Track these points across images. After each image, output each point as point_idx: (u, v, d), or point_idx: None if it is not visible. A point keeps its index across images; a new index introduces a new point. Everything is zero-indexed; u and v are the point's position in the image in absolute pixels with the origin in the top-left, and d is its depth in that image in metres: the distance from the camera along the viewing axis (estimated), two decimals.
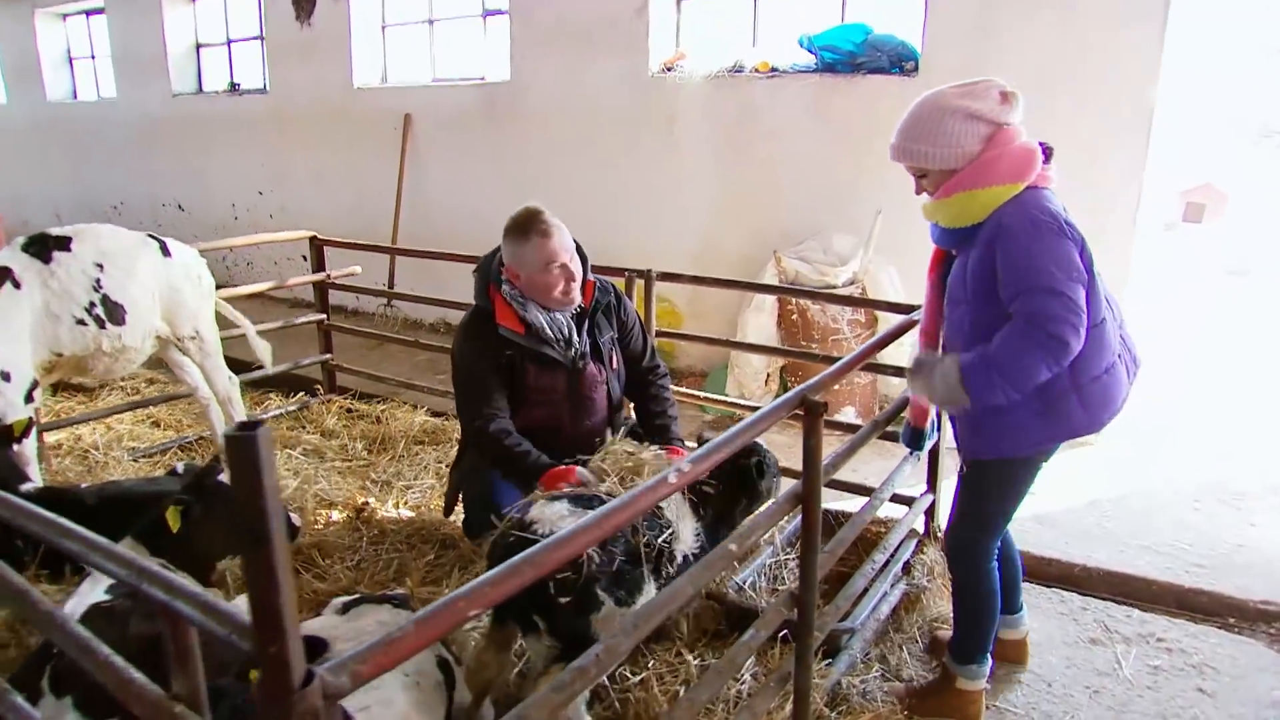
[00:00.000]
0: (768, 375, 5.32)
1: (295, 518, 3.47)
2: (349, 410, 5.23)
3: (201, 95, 9.47)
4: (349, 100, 7.88)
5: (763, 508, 2.45)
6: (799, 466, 2.11)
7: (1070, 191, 4.70)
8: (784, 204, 5.69)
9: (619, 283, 3.92)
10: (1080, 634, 3.21)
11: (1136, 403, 4.96)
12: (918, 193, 2.39)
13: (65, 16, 11.05)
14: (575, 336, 3.07)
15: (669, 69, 6.10)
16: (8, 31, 11.47)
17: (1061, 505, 4.07)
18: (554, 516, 2.29)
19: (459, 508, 3.44)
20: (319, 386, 5.47)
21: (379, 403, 5.31)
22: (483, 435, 2.93)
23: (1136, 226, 4.70)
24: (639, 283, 3.88)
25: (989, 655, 2.58)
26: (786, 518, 3.19)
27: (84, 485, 3.34)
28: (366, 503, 3.79)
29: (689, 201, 6.11)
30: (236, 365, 6.37)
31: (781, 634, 2.59)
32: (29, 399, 3.61)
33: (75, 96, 11.32)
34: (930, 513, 3.38)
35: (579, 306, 3.06)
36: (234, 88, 9.11)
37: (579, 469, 2.69)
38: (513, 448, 2.88)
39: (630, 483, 2.51)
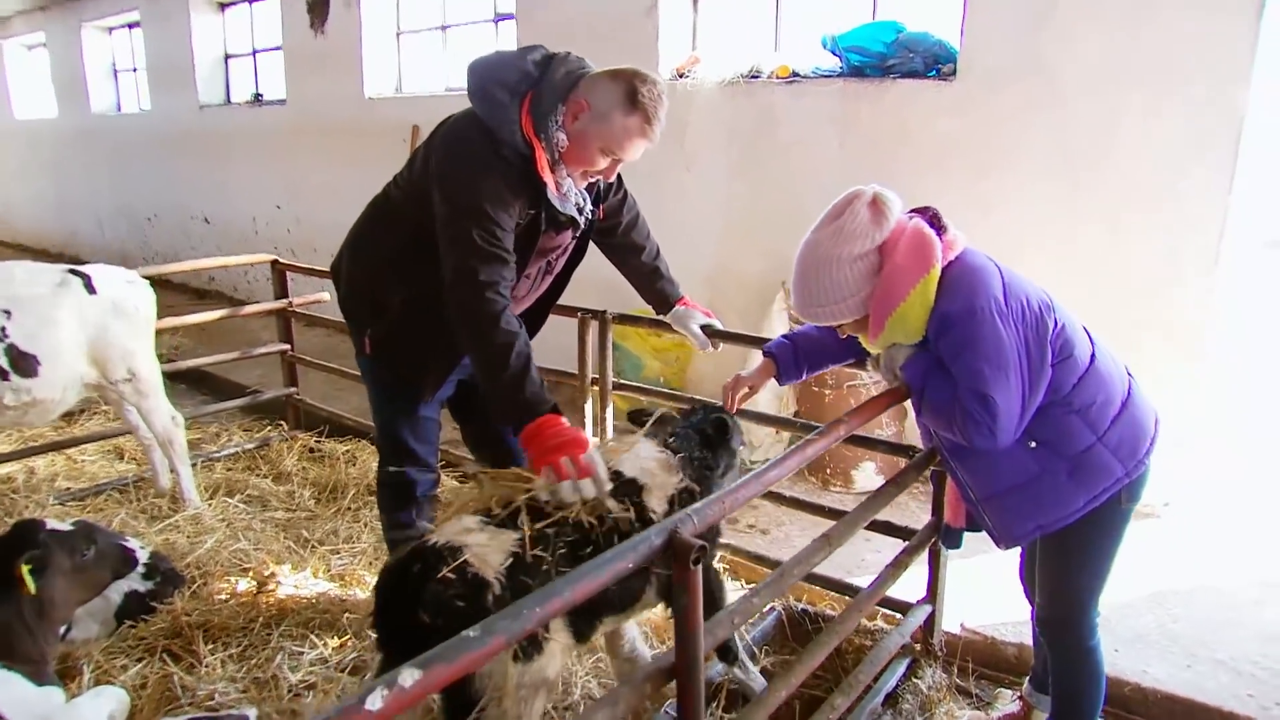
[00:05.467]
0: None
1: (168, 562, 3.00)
2: (311, 450, 4.77)
3: (227, 106, 9.30)
4: (361, 111, 7.51)
5: None
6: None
7: (1144, 214, 4.04)
8: (805, 222, 4.94)
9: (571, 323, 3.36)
10: None
11: (1220, 465, 4.12)
12: (843, 336, 2.34)
13: (111, 30, 11.08)
14: (586, 199, 2.54)
15: (682, 75, 5.50)
16: (58, 45, 11.59)
17: (1112, 598, 3.26)
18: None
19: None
20: (283, 422, 5.03)
21: (350, 438, 4.85)
22: (489, 315, 2.22)
23: (1221, 255, 3.89)
24: (593, 324, 3.28)
25: None
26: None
27: None
28: (273, 573, 3.29)
29: (701, 219, 5.48)
30: (215, 387, 6.08)
31: None
32: None
33: (119, 109, 11.35)
34: (929, 626, 2.66)
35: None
36: (257, 98, 8.88)
37: (592, 448, 2.11)
38: (526, 363, 2.21)
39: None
